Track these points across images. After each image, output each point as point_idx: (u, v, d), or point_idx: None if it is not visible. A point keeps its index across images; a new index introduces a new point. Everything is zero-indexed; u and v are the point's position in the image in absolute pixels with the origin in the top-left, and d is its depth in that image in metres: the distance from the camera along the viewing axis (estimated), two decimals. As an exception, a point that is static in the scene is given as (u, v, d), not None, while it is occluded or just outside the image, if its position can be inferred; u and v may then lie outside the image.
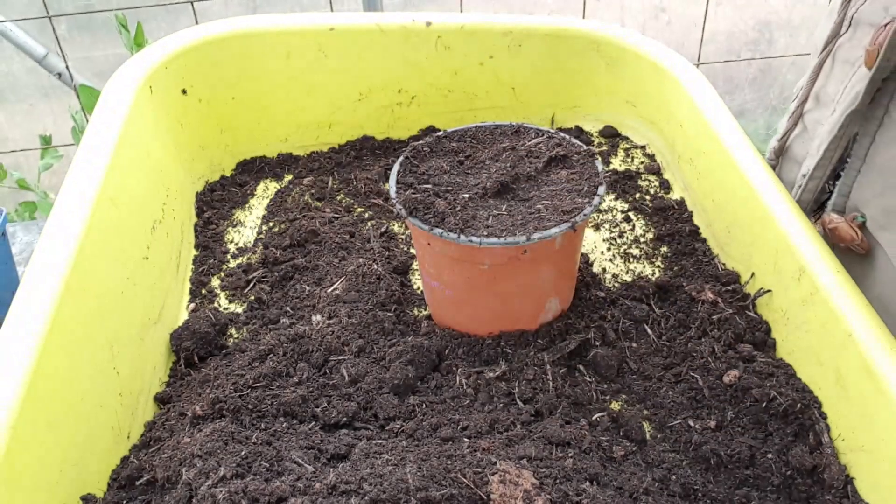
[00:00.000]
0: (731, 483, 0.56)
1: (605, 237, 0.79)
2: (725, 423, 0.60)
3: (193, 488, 0.51)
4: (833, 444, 0.57)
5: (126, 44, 1.53)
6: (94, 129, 0.69)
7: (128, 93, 0.73)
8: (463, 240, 0.58)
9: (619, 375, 0.64)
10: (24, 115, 2.08)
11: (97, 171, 0.64)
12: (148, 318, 0.66)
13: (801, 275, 0.62)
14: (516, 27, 0.87)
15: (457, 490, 0.50)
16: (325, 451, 0.55)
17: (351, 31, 0.86)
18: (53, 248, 0.57)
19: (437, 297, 0.67)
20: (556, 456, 0.54)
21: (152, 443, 0.58)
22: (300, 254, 0.77)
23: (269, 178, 0.89)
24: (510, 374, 0.62)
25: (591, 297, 0.69)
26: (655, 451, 0.58)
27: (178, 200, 0.79)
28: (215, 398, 0.58)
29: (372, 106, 0.91)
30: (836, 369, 0.58)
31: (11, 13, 1.80)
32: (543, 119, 0.94)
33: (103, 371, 0.58)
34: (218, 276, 0.76)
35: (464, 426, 0.57)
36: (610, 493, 0.52)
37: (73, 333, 0.55)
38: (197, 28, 0.84)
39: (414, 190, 0.62)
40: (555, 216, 0.59)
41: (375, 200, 0.84)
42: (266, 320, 0.69)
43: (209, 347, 0.66)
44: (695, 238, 0.78)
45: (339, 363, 0.62)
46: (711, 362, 0.63)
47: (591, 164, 0.64)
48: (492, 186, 0.63)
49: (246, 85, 0.86)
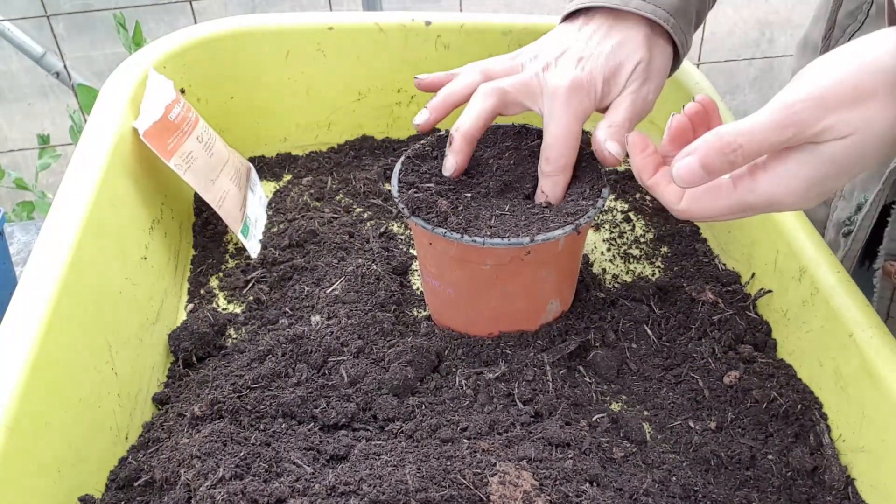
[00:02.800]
0: (731, 484, 0.56)
1: (605, 237, 0.79)
2: (726, 424, 0.59)
3: (192, 489, 0.51)
4: (834, 445, 0.57)
5: (124, 43, 1.53)
6: (92, 129, 0.68)
7: (126, 92, 0.73)
8: (466, 240, 0.57)
9: (619, 376, 0.64)
10: (22, 115, 2.08)
11: (95, 170, 0.64)
12: (146, 319, 0.66)
13: (801, 275, 0.62)
14: (516, 27, 0.87)
15: (456, 491, 0.50)
16: (324, 451, 0.55)
17: (350, 31, 0.86)
18: (51, 249, 0.56)
19: (437, 297, 0.66)
20: (556, 457, 0.54)
21: (150, 444, 0.58)
22: (299, 254, 0.76)
23: (267, 178, 0.88)
24: (510, 375, 0.62)
25: (591, 298, 0.69)
26: (655, 453, 0.58)
27: (177, 200, 0.79)
28: (214, 399, 0.58)
29: (371, 106, 0.90)
30: (837, 370, 0.58)
31: (9, 12, 1.80)
32: (543, 119, 0.94)
33: (101, 371, 0.57)
34: (216, 277, 0.76)
35: (463, 427, 0.57)
36: (610, 494, 0.52)
37: (71, 334, 0.55)
38: (195, 27, 0.84)
39: (416, 189, 0.62)
40: (558, 217, 0.59)
41: (375, 200, 0.84)
42: (265, 321, 0.69)
43: (208, 348, 0.66)
44: (695, 238, 0.78)
45: (338, 364, 0.62)
46: (712, 363, 0.63)
47: (593, 165, 0.63)
48: (495, 186, 0.62)
49: (244, 84, 0.86)
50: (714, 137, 0.45)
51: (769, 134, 0.44)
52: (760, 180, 0.47)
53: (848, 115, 0.43)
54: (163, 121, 0.72)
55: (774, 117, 0.44)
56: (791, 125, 0.44)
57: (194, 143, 0.74)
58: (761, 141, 0.44)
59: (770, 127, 0.44)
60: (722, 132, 0.45)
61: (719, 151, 0.45)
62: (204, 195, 0.73)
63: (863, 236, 0.67)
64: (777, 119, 0.44)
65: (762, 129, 0.44)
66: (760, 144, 0.45)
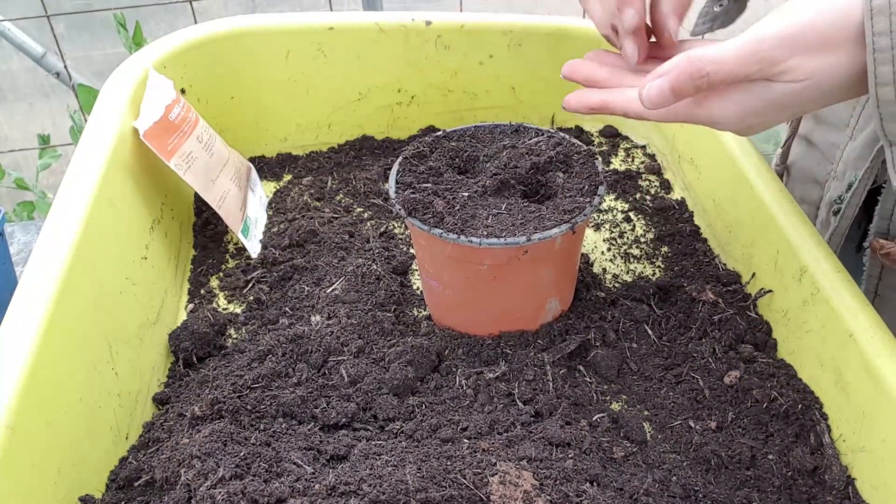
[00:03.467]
0: (731, 484, 0.56)
1: (606, 237, 0.79)
2: (726, 424, 0.59)
3: (192, 489, 0.51)
4: (834, 445, 0.57)
5: (125, 43, 1.53)
6: (92, 129, 0.68)
7: (126, 92, 0.73)
8: (462, 240, 0.57)
9: (620, 376, 0.64)
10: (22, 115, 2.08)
11: (95, 170, 0.64)
12: (146, 319, 0.66)
13: (802, 275, 0.62)
14: (516, 27, 0.87)
15: (456, 491, 0.50)
16: (325, 451, 0.55)
17: (350, 31, 0.86)
18: (51, 249, 0.56)
19: (436, 298, 0.66)
20: (557, 457, 0.54)
21: (151, 443, 0.58)
22: (299, 254, 0.76)
23: (267, 178, 0.88)
24: (510, 375, 0.62)
25: (591, 298, 0.69)
26: (656, 452, 0.58)
27: (177, 200, 0.79)
28: (214, 399, 0.58)
29: (371, 106, 0.90)
30: (837, 370, 0.58)
31: (10, 12, 1.80)
32: (543, 119, 0.94)
33: (102, 371, 0.57)
34: (217, 277, 0.76)
35: (463, 427, 0.57)
36: (610, 494, 0.52)
37: (72, 334, 0.55)
38: (196, 27, 0.84)
39: (413, 189, 0.62)
40: (555, 216, 0.59)
41: (375, 200, 0.84)
42: (265, 321, 0.69)
43: (208, 348, 0.66)
44: (695, 238, 0.78)
45: (338, 364, 0.62)
46: (712, 363, 0.63)
47: (591, 163, 0.64)
48: (491, 184, 0.62)
49: (245, 84, 0.86)
50: (686, 62, 0.47)
51: (736, 65, 0.46)
52: (709, 98, 0.49)
53: (809, 61, 0.45)
54: (163, 121, 0.72)
55: (744, 50, 0.46)
56: (758, 61, 0.46)
57: (194, 143, 0.74)
58: (728, 72, 0.46)
59: (739, 59, 0.46)
60: (693, 57, 0.46)
61: (689, 76, 0.47)
62: (204, 195, 0.73)
63: (851, 213, 0.67)
64: (746, 52, 0.46)
65: (731, 60, 0.46)
66: (727, 75, 0.46)
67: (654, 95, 0.48)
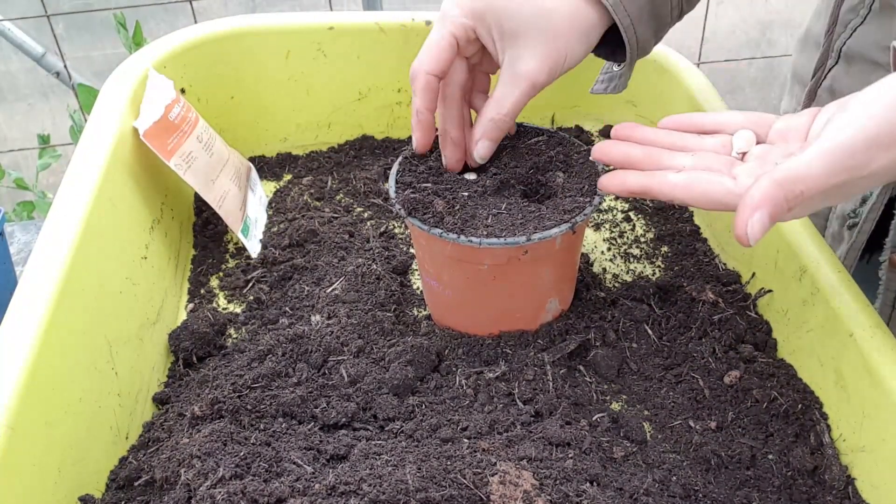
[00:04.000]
0: (731, 484, 0.56)
1: (605, 237, 0.79)
2: (726, 424, 0.59)
3: (192, 489, 0.50)
4: (834, 445, 0.57)
5: (124, 43, 1.53)
6: (92, 129, 0.68)
7: (126, 92, 0.73)
8: (462, 240, 0.57)
9: (620, 376, 0.64)
10: (22, 115, 2.08)
11: (95, 170, 0.64)
12: (146, 318, 0.66)
13: (801, 275, 0.62)
14: (516, 26, 0.86)
15: (456, 491, 0.50)
16: (325, 451, 0.55)
17: (350, 31, 0.86)
18: (51, 248, 0.56)
19: (436, 297, 0.66)
20: (557, 456, 0.54)
21: (151, 443, 0.58)
22: (299, 254, 0.76)
23: (267, 178, 0.88)
24: (510, 375, 0.62)
25: (591, 298, 0.69)
26: (656, 452, 0.58)
27: (177, 200, 0.79)
28: (214, 399, 0.58)
29: (371, 105, 0.90)
30: (837, 370, 0.58)
31: (9, 12, 1.80)
32: (543, 119, 0.94)
33: (101, 371, 0.57)
34: (217, 276, 0.76)
35: (463, 427, 0.57)
36: (610, 494, 0.52)
37: (72, 333, 0.55)
38: (196, 27, 0.84)
39: (413, 189, 0.62)
40: (555, 216, 0.59)
41: (375, 200, 0.84)
42: (265, 320, 0.69)
43: (208, 348, 0.66)
44: (695, 238, 0.78)
45: (338, 363, 0.62)
46: (712, 363, 0.63)
47: (591, 163, 0.64)
48: (491, 184, 0.62)
49: (245, 84, 0.86)
50: (775, 188, 0.45)
51: (828, 179, 0.44)
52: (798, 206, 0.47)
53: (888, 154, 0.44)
54: (163, 121, 0.72)
55: (834, 162, 0.44)
56: (847, 169, 0.44)
57: (194, 142, 0.74)
58: (819, 188, 0.45)
59: (829, 173, 0.44)
60: (780, 181, 0.45)
61: (785, 201, 0.45)
62: (204, 195, 0.73)
63: (868, 228, 0.67)
64: (837, 163, 0.44)
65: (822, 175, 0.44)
66: (819, 190, 0.45)
67: (758, 232, 0.45)
